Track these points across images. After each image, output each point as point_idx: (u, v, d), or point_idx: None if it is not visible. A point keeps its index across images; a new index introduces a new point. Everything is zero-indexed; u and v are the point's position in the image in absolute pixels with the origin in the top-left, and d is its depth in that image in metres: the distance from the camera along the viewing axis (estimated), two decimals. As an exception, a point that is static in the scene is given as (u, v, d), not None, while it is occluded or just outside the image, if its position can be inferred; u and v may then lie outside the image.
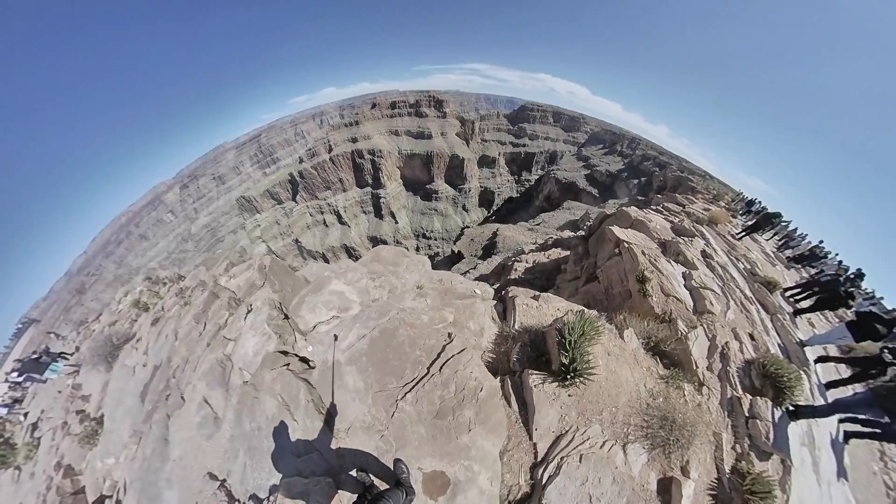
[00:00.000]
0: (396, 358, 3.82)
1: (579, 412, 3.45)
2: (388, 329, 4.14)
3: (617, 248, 7.45)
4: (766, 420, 4.30)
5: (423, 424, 3.33)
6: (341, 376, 3.99)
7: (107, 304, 30.96)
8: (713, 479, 3.72)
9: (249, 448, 4.15)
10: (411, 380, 3.61)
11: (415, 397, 3.45)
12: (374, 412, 3.57)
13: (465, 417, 3.29)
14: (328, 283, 5.67)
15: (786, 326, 6.53)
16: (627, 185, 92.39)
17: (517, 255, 30.93)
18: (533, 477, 3.20)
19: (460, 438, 3.23)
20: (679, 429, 3.62)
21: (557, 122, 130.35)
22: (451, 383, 3.41)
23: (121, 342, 8.29)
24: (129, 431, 6.31)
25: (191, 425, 4.91)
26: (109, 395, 7.66)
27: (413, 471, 3.13)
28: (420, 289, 6.11)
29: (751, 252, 9.83)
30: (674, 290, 6.26)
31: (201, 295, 7.18)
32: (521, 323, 4.58)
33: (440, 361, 3.60)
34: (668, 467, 3.49)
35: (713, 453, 3.90)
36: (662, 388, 4.07)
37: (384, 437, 3.43)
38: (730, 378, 4.87)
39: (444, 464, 3.19)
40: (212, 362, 5.19)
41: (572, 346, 3.35)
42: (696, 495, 3.49)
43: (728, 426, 4.25)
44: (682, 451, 3.57)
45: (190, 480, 4.53)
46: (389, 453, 3.35)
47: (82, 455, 7.13)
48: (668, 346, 4.85)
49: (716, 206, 14.57)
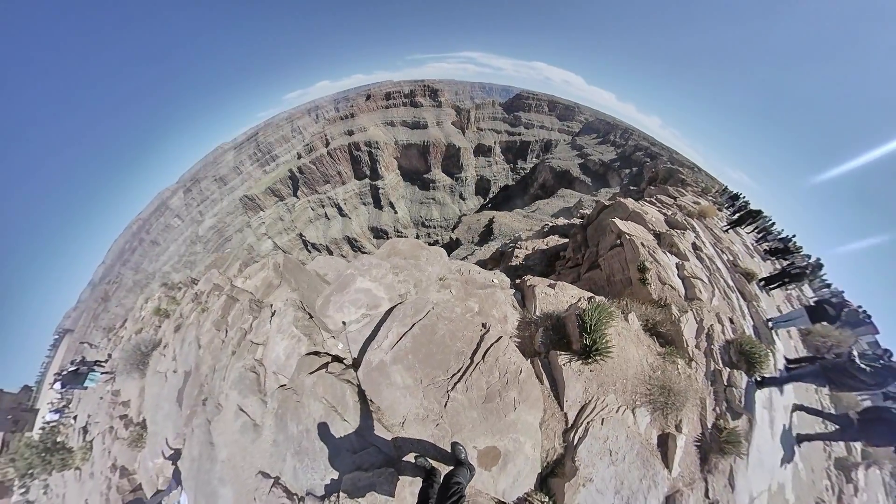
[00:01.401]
0: (440, 352, 4.04)
1: (599, 384, 4.05)
2: (428, 325, 4.29)
3: (619, 239, 8.02)
4: (739, 388, 5.10)
5: (475, 409, 3.66)
6: (388, 375, 4.08)
7: (130, 309, 31.49)
8: (699, 434, 4.46)
9: (298, 451, 4.10)
10: (457, 370, 3.86)
11: (465, 386, 3.74)
12: (426, 404, 3.78)
13: (510, 398, 3.68)
14: (353, 282, 5.41)
15: (759, 312, 7.34)
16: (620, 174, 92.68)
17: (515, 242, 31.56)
18: (565, 440, 3.78)
19: (508, 416, 3.64)
20: (674, 395, 4.28)
21: (552, 111, 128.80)
22: (494, 369, 3.82)
23: (149, 349, 8.39)
24: (173, 434, 6.38)
25: (232, 431, 4.80)
26: (147, 401, 7.73)
27: (469, 449, 3.52)
28: (442, 280, 6.36)
29: (734, 245, 10.50)
30: (669, 279, 6.88)
31: (218, 300, 6.97)
32: (542, 309, 5.07)
33: (481, 351, 3.96)
34: (665, 425, 4.18)
35: (699, 414, 4.62)
36: (660, 362, 4.72)
37: (439, 425, 3.68)
38: (713, 355, 5.59)
39: (496, 440, 3.60)
40: (240, 371, 5.05)
41: (592, 330, 3.93)
42: (685, 446, 4.22)
43: (711, 393, 4.98)
44: (676, 413, 4.25)
45: (242, 479, 4.49)
46: (446, 438, 3.62)
47: (133, 457, 7.42)
48: (664, 327, 5.49)
49: (704, 199, 15.17)
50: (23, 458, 9.40)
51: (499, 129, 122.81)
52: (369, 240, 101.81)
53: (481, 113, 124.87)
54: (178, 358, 7.11)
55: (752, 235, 14.07)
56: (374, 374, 4.10)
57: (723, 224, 12.51)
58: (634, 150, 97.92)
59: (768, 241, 13.30)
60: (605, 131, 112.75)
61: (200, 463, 5.11)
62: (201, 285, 9.16)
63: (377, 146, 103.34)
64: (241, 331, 5.78)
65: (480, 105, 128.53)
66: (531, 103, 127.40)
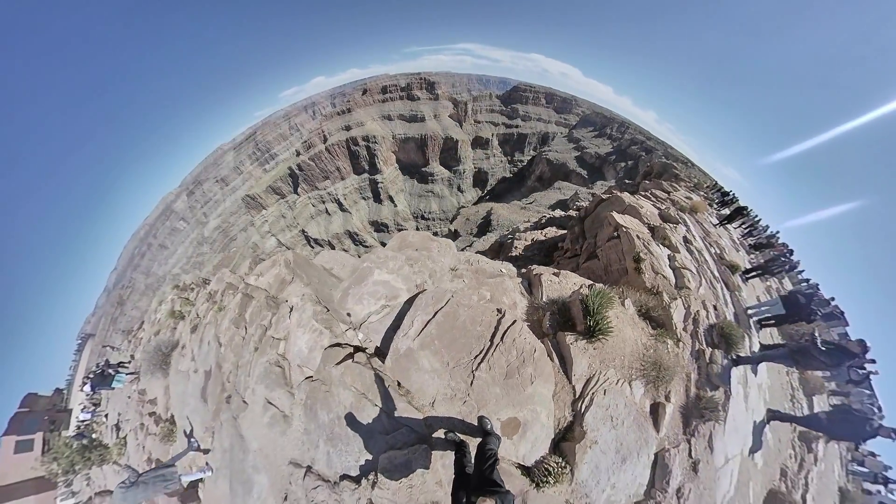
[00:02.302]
0: (462, 336, 4.31)
1: (601, 360, 4.55)
2: (449, 312, 4.52)
3: (616, 231, 8.49)
4: (719, 365, 5.71)
5: (498, 385, 3.98)
6: (416, 360, 4.28)
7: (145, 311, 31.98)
8: (683, 403, 5.05)
9: (330, 437, 4.23)
10: (479, 352, 4.16)
11: (487, 365, 4.06)
12: (453, 384, 4.06)
13: (527, 374, 4.03)
14: (370, 274, 5.51)
15: (740, 301, 8.02)
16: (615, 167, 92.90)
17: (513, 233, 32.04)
18: (574, 409, 4.29)
19: (526, 390, 3.98)
20: (664, 370, 4.81)
21: (550, 103, 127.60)
22: (512, 349, 4.17)
23: (168, 350, 8.50)
24: (202, 429, 6.45)
25: (261, 424, 4.87)
26: (173, 399, 7.91)
27: (493, 421, 3.85)
28: (454, 271, 6.69)
29: (721, 239, 11.07)
30: (661, 269, 7.37)
31: (234, 298, 6.97)
32: (548, 296, 5.53)
33: (499, 333, 4.29)
34: (656, 395, 4.73)
35: (685, 386, 5.20)
36: (652, 342, 5.25)
37: (466, 402, 3.97)
38: (698, 336, 6.17)
39: (516, 411, 3.95)
40: (265, 366, 5.11)
41: (595, 312, 4.42)
42: (673, 413, 4.80)
43: (695, 369, 5.57)
44: (665, 385, 4.80)
45: (276, 466, 4.61)
46: (473, 413, 3.94)
47: (166, 450, 7.53)
48: (656, 312, 6.00)
49: (696, 194, 15.67)
50: (64, 456, 9.86)
51: (496, 121, 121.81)
52: (370, 234, 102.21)
53: (478, 105, 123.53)
54: (198, 358, 7.15)
55: (739, 230, 14.68)
56: (403, 361, 4.35)
57: (712, 219, 13.06)
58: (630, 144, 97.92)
59: (754, 235, 13.89)
60: (602, 124, 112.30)
61: (233, 454, 5.23)
62: (213, 285, 9.17)
63: (375, 141, 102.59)
64: (260, 327, 5.80)
65: (478, 97, 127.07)
66: (528, 95, 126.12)
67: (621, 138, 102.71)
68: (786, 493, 6.74)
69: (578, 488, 4.03)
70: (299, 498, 4.28)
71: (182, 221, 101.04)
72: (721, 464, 5.47)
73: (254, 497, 4.79)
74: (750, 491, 6.23)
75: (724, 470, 5.55)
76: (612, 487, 4.26)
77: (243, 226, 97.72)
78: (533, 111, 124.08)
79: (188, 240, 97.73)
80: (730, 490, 5.76)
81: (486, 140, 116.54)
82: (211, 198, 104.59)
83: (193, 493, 6.32)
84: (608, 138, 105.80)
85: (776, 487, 6.81)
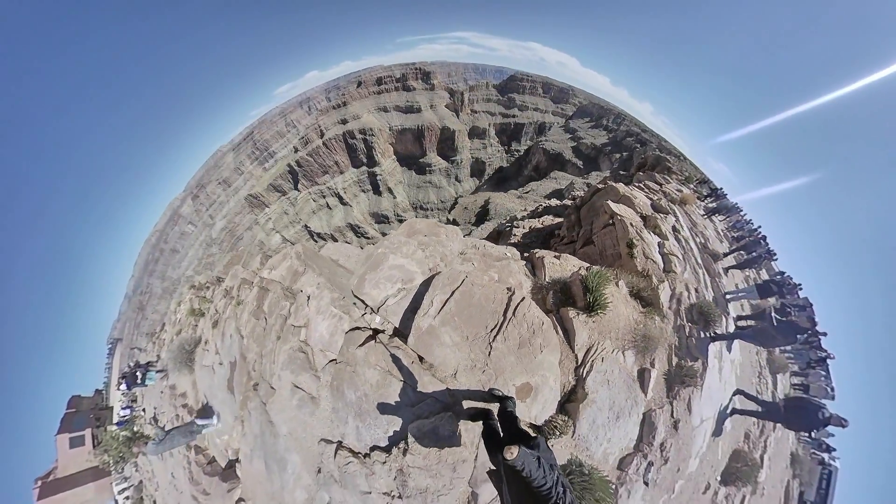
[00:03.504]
0: (478, 313, 4.63)
1: (599, 332, 5.09)
2: (465, 291, 4.79)
3: (611, 219, 8.98)
4: (697, 339, 6.38)
5: (512, 354, 4.36)
6: (438, 336, 4.53)
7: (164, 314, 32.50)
8: (667, 370, 5.69)
9: (359, 412, 4.41)
10: (494, 326, 4.52)
11: (503, 337, 4.43)
12: (472, 356, 4.39)
13: (537, 344, 4.43)
14: (386, 259, 5.62)
15: (720, 286, 8.75)
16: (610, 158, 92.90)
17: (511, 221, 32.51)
18: (576, 375, 4.81)
19: (536, 358, 4.37)
20: (651, 341, 5.40)
21: (547, 93, 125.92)
22: (523, 323, 4.56)
23: (192, 347, 8.74)
24: (232, 417, 6.65)
25: (290, 408, 5.02)
26: (201, 392, 8.22)
27: (509, 387, 4.27)
28: (463, 255, 7.08)
29: (707, 230, 11.69)
30: (652, 254, 7.89)
31: (251, 292, 7.14)
32: (550, 276, 5.98)
33: (511, 309, 4.67)
34: (644, 363, 5.34)
35: (668, 356, 5.83)
36: (642, 318, 5.83)
37: (486, 371, 4.31)
38: (681, 314, 6.81)
39: (528, 377, 4.36)
40: (289, 353, 5.23)
41: (594, 290, 4.95)
42: (657, 378, 5.44)
43: (677, 341, 6.21)
44: (651, 354, 5.40)
45: (307, 446, 4.82)
46: (492, 381, 4.28)
47: (202, 438, 7.82)
48: (646, 293, 6.55)
49: (686, 188, 16.17)
50: (114, 448, 10.74)
51: (493, 111, 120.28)
52: (371, 225, 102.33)
53: (475, 95, 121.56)
54: (221, 351, 7.30)
55: (724, 224, 15.31)
56: (425, 337, 4.58)
57: (700, 211, 13.63)
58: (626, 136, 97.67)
59: (737, 228, 14.55)
60: (599, 115, 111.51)
61: (264, 438, 5.44)
62: (228, 281, 9.29)
63: (372, 133, 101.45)
64: (280, 317, 5.91)
65: (474, 87, 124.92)
66: (525, 85, 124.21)
67: (617, 129, 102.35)
68: (748, 451, 7.58)
69: (580, 442, 4.60)
70: (332, 471, 4.49)
71: (190, 225, 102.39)
72: (697, 424, 6.17)
73: (288, 473, 5.08)
74: (719, 449, 7.01)
75: (699, 429, 6.27)
76: (608, 441, 4.87)
77: (248, 225, 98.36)
78: (530, 101, 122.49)
79: (197, 242, 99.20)
80: (703, 447, 6.51)
81: (482, 130, 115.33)
82: (215, 200, 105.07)
83: (232, 472, 6.68)
84: (604, 129, 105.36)
85: (740, 447, 7.65)
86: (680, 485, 5.96)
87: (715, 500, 7.22)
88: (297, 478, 4.97)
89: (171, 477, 9.57)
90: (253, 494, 5.94)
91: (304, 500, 4.85)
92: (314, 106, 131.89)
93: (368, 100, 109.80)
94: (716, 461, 7.06)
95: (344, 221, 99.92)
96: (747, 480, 7.42)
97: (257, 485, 5.69)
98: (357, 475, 4.28)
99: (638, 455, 5.12)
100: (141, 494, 12.81)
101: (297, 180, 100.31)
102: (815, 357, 10.50)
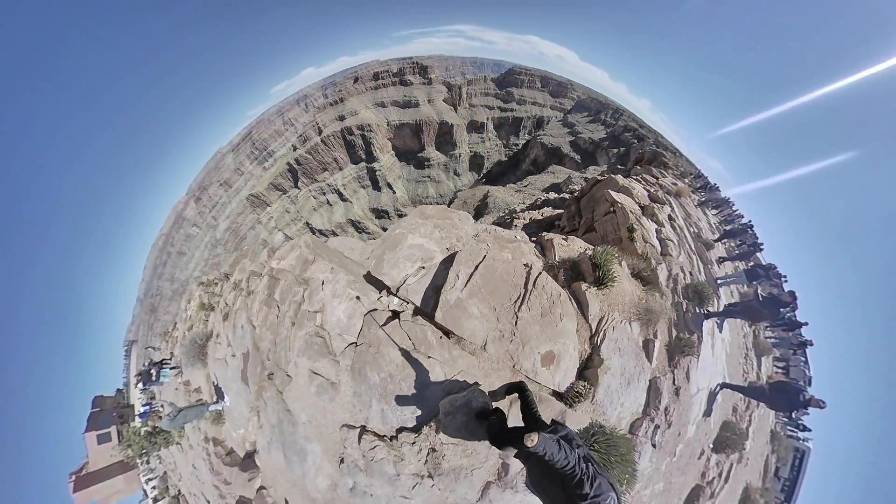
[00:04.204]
0: (503, 286, 4.79)
1: (608, 304, 5.52)
2: (488, 266, 4.96)
3: (612, 207, 9.46)
4: (693, 314, 7.00)
5: (537, 323, 4.58)
6: (466, 308, 4.55)
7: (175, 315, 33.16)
8: (667, 342, 6.21)
9: (383, 394, 4.29)
10: (518, 297, 4.72)
11: (526, 307, 4.64)
12: (500, 326, 4.53)
13: (556, 313, 4.70)
14: (405, 239, 5.60)
15: (711, 272, 9.45)
16: (608, 153, 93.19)
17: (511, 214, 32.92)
18: (591, 343, 5.15)
19: (557, 326, 4.64)
20: (653, 315, 5.87)
21: (545, 87, 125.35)
22: (543, 294, 4.84)
23: (203, 341, 8.71)
24: (247, 408, 6.57)
25: (308, 395, 4.86)
26: (216, 384, 8.03)
27: (535, 356, 4.46)
28: (477, 237, 7.57)
29: (700, 221, 12.28)
30: (650, 239, 8.39)
31: (261, 282, 7.00)
32: (559, 256, 6.39)
33: (531, 282, 4.93)
34: (648, 334, 5.85)
35: (668, 328, 6.35)
36: (644, 295, 6.32)
37: (513, 340, 4.43)
38: (678, 292, 7.34)
39: (551, 345, 4.60)
40: (305, 339, 5.10)
41: (602, 265, 5.41)
42: (660, 348, 5.94)
43: (675, 316, 6.74)
44: (654, 326, 5.89)
45: (327, 434, 4.67)
46: (519, 350, 4.42)
47: (219, 430, 7.99)
48: (645, 273, 7.04)
49: (682, 181, 16.72)
50: (136, 443, 11.15)
51: (491, 105, 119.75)
52: (371, 220, 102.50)
53: (473, 89, 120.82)
54: (233, 343, 7.21)
55: (716, 217, 15.90)
56: (453, 311, 4.59)
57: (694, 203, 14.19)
58: (623, 131, 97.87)
59: (728, 221, 15.17)
60: (597, 110, 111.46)
61: (282, 428, 5.28)
62: (236, 275, 9.26)
63: (370, 129, 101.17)
64: (294, 304, 5.76)
65: (472, 81, 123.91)
66: (524, 79, 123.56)
67: (615, 125, 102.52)
68: (736, 422, 8.27)
69: (598, 407, 4.95)
70: (356, 459, 4.33)
71: (195, 227, 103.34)
72: (694, 392, 6.73)
73: (309, 463, 4.92)
74: (711, 418, 7.59)
75: (696, 397, 6.83)
76: (621, 405, 5.27)
77: (251, 224, 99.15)
78: (528, 94, 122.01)
79: (203, 244, 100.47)
80: (698, 414, 7.09)
81: (481, 124, 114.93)
82: (217, 201, 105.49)
83: (251, 462, 6.75)
84: (602, 124, 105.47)
85: (729, 419, 8.30)
86: (680, 448, 6.53)
87: (708, 465, 7.87)
88: (318, 467, 4.82)
89: (192, 468, 9.76)
90: (274, 482, 5.92)
91: (327, 487, 4.72)
92: (311, 103, 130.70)
93: (366, 95, 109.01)
94: (709, 429, 7.65)
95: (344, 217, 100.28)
96: (735, 448, 8.08)
97: (278, 473, 5.67)
98: (384, 461, 4.18)
99: (646, 419, 5.58)
100: (166, 484, 13.32)
101: (297, 178, 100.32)
102: (797, 342, 11.25)
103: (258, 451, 6.29)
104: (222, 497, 7.57)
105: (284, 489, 5.56)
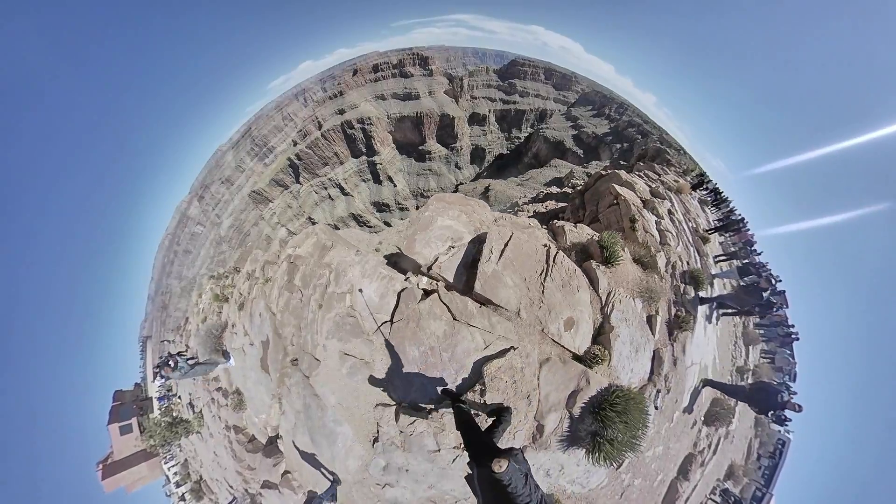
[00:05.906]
0: (529, 260, 5.35)
1: (615, 281, 6.27)
2: (516, 243, 5.45)
3: (616, 199, 10.25)
4: (690, 297, 7.79)
5: (559, 292, 5.12)
6: (501, 279, 4.97)
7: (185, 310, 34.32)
8: (667, 318, 7.04)
9: (424, 367, 4.40)
10: (542, 270, 5.28)
11: (551, 279, 5.20)
12: (531, 294, 5.03)
13: (574, 284, 5.28)
14: (435, 221, 5.96)
15: (706, 265, 10.24)
16: (611, 148, 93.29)
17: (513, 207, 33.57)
18: (602, 313, 5.82)
19: (576, 295, 5.20)
20: (654, 293, 6.67)
21: (549, 79, 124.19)
22: (562, 268, 5.43)
23: (219, 332, 9.01)
24: (269, 395, 6.67)
25: (338, 378, 4.90)
26: (234, 374, 8.32)
27: (559, 320, 5.00)
28: (496, 221, 8.29)
29: (698, 217, 13.12)
30: (651, 229, 9.17)
31: (279, 269, 7.03)
32: (570, 240, 7.13)
33: (551, 258, 5.53)
34: (650, 310, 6.64)
35: (667, 306, 7.18)
36: (645, 277, 7.13)
37: (541, 307, 4.91)
38: (676, 277, 8.16)
39: (571, 311, 5.15)
40: (335, 320, 5.14)
41: (609, 246, 6.22)
42: (661, 323, 6.73)
43: (674, 296, 7.58)
44: (656, 304, 6.69)
45: (359, 415, 4.72)
46: (547, 316, 4.91)
47: (240, 417, 8.20)
48: (646, 259, 7.84)
49: (683, 179, 17.51)
50: (157, 433, 11.91)
51: (493, 97, 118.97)
52: (373, 214, 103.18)
53: (475, 81, 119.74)
54: (251, 332, 7.26)
55: (715, 215, 16.72)
56: (491, 281, 5.04)
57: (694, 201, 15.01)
58: (627, 126, 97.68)
59: (726, 219, 15.98)
60: (601, 104, 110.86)
61: (308, 413, 5.35)
62: (248, 266, 9.40)
63: (370, 122, 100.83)
64: (318, 287, 5.75)
65: (473, 72, 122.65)
66: (527, 71, 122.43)
67: (619, 119, 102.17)
68: (724, 399, 9.13)
69: (613, 371, 5.57)
70: (392, 437, 4.42)
71: (199, 226, 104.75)
72: (689, 365, 7.62)
73: (339, 446, 5.02)
74: (702, 393, 8.52)
75: (690, 370, 7.73)
76: (631, 371, 5.97)
77: (254, 220, 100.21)
78: (531, 87, 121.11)
79: (208, 241, 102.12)
80: (692, 384, 8.01)
81: (482, 116, 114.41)
82: (220, 199, 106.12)
83: (275, 448, 7.01)
84: (606, 118, 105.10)
85: (718, 396, 9.18)
86: (677, 415, 7.42)
87: (699, 436, 8.83)
88: (348, 449, 4.88)
89: (213, 455, 10.12)
90: (299, 466, 6.11)
91: (358, 469, 4.81)
92: (310, 97, 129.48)
93: (365, 88, 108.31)
94: (700, 402, 8.54)
95: (346, 211, 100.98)
96: (724, 422, 9.04)
97: (302, 457, 5.82)
98: (424, 433, 4.29)
99: (650, 385, 6.36)
100: (188, 470, 14.20)
101: (298, 173, 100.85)
102: (783, 332, 12.21)
103: (281, 437, 6.37)
104: (246, 482, 7.90)
105: (310, 473, 5.72)
